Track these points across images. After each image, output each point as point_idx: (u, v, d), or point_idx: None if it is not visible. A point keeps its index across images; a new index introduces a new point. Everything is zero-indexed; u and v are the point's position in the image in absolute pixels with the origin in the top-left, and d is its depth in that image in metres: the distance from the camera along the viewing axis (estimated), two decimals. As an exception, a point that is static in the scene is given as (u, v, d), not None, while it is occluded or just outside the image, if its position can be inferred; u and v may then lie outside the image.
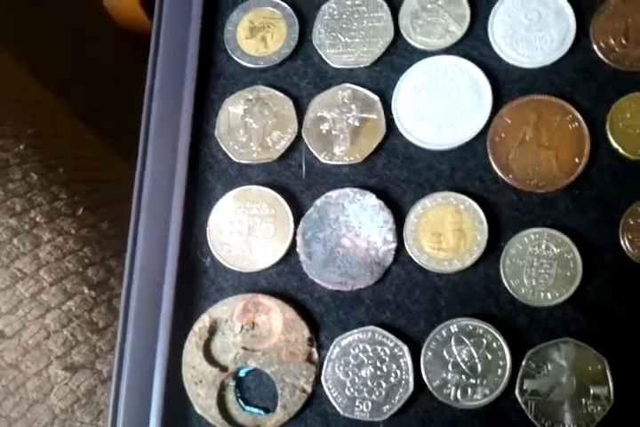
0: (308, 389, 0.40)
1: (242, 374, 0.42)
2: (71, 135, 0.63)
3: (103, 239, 0.56)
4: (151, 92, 0.46)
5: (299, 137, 0.44)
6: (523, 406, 0.37)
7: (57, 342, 0.52)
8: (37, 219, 0.53)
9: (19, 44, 0.70)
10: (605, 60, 0.40)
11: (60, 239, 0.54)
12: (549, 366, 0.37)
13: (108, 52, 0.83)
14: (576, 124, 0.40)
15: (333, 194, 0.42)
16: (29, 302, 0.52)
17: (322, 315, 0.41)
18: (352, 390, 0.40)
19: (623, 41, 0.40)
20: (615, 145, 0.39)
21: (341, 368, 0.40)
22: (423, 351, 0.39)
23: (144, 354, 0.42)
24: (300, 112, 0.44)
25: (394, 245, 0.41)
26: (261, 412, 0.41)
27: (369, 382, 0.39)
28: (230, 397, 0.42)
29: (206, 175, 0.45)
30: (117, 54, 0.83)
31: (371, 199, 0.41)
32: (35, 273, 0.52)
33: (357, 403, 0.39)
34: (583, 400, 0.37)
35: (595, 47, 0.40)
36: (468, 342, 0.39)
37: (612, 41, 0.40)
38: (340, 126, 0.43)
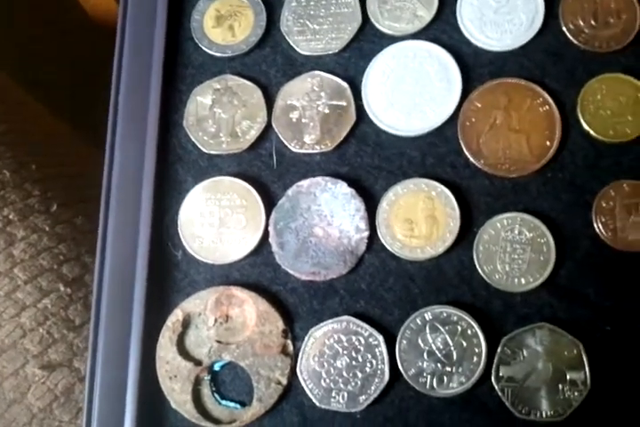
0: (284, 381, 0.40)
1: (217, 367, 0.41)
2: (44, 131, 0.62)
3: (78, 235, 0.55)
4: (118, 82, 0.45)
5: (268, 126, 0.43)
6: (499, 393, 0.37)
7: (33, 341, 0.51)
8: (11, 216, 0.53)
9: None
10: (575, 42, 0.40)
11: (34, 236, 0.53)
12: (525, 352, 0.37)
13: (84, 45, 0.82)
14: (547, 107, 0.39)
15: (305, 183, 0.42)
16: (4, 301, 0.51)
17: (296, 306, 0.41)
18: (328, 381, 0.39)
19: (592, 22, 0.40)
20: (586, 127, 0.39)
21: (316, 359, 0.39)
22: (398, 340, 0.38)
23: (117, 350, 0.42)
24: (270, 101, 0.43)
25: (366, 234, 0.40)
26: (237, 406, 0.41)
27: (344, 373, 0.39)
28: (205, 391, 0.41)
29: (176, 167, 0.44)
30: (93, 47, 0.82)
31: (342, 188, 0.41)
32: (9, 271, 0.52)
33: (333, 394, 0.39)
34: (560, 386, 0.37)
35: (564, 29, 0.40)
36: (442, 329, 0.38)
37: (581, 22, 0.40)
38: (309, 114, 0.42)
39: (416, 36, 0.42)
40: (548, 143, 0.39)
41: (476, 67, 0.41)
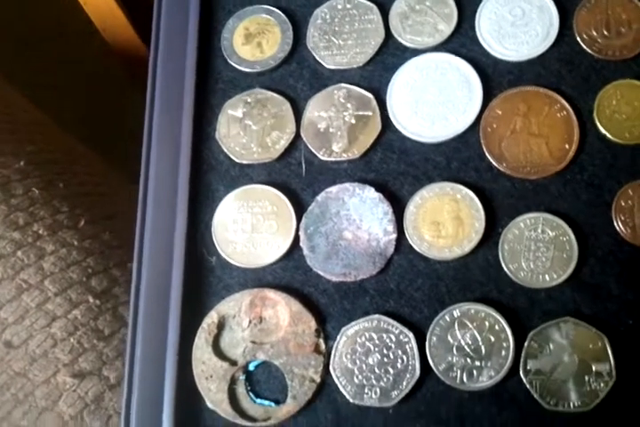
0: (317, 378, 0.41)
1: (251, 367, 0.43)
2: (68, 152, 0.64)
3: (106, 250, 0.57)
4: (152, 99, 0.47)
5: (297, 136, 0.45)
6: (528, 386, 0.38)
7: (64, 350, 0.53)
8: (40, 231, 0.54)
9: (18, 69, 0.71)
10: (589, 51, 0.42)
11: (63, 251, 0.55)
12: (551, 346, 0.39)
13: (101, 71, 0.85)
14: (564, 112, 0.41)
15: (333, 189, 0.43)
16: (35, 312, 0.53)
17: (327, 306, 0.42)
18: (360, 377, 0.40)
19: (605, 32, 0.42)
20: (603, 131, 0.41)
21: (349, 357, 0.41)
22: (428, 337, 0.40)
23: (155, 352, 0.43)
24: (298, 112, 0.45)
25: (394, 236, 0.42)
26: (272, 404, 0.42)
27: (376, 369, 0.40)
28: (241, 390, 0.42)
29: (209, 176, 0.46)
30: (111, 73, 0.85)
31: (370, 192, 0.43)
32: (40, 284, 0.53)
33: (366, 390, 0.40)
34: (586, 377, 0.38)
35: (578, 39, 0.42)
36: (470, 325, 0.40)
37: (594, 33, 0.42)
38: (337, 124, 0.45)
39: (437, 48, 0.44)
40: (566, 146, 0.41)
41: (496, 76, 0.43)
